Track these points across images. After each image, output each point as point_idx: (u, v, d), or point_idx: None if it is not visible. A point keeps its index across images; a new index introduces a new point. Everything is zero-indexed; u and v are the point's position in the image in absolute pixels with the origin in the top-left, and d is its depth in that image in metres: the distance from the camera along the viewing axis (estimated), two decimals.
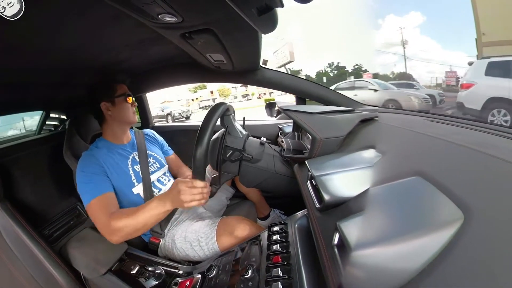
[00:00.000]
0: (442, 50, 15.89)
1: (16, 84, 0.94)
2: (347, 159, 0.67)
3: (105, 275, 0.82)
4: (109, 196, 0.89)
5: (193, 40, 0.71)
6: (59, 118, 1.57)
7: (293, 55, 4.27)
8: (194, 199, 0.75)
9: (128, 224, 0.79)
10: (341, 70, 14.77)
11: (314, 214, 0.57)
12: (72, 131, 1.10)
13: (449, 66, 10.72)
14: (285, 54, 4.25)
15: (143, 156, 1.10)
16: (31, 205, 1.06)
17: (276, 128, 1.44)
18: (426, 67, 11.68)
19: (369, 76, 13.63)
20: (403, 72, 12.58)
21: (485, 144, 0.51)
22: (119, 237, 0.81)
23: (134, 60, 1.08)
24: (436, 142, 0.58)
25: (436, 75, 11.10)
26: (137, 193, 1.02)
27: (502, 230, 0.30)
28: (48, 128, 1.53)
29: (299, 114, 0.88)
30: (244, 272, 0.61)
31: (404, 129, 0.76)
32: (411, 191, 0.41)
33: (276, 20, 0.59)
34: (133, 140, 1.16)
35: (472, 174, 0.42)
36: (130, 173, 1.03)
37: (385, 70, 14.49)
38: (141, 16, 0.54)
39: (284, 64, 4.30)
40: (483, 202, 0.34)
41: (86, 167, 0.92)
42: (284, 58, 4.30)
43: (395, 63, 13.80)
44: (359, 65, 15.37)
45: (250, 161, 0.95)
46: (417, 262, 0.31)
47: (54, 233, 1.06)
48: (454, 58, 14.71)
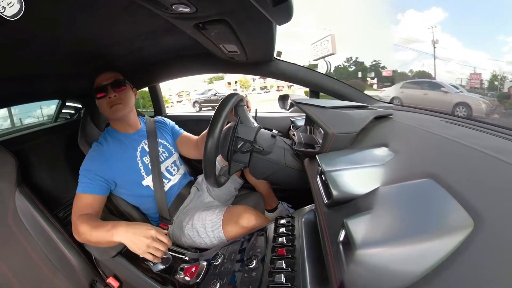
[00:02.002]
0: (462, 49, 14.88)
1: (32, 74, 0.98)
2: (359, 156, 0.66)
3: (115, 257, 0.86)
4: (92, 198, 0.90)
5: (207, 31, 0.71)
6: (74, 107, 1.62)
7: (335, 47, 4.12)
8: (149, 251, 0.76)
9: (86, 233, 0.81)
10: (360, 66, 14.16)
11: (322, 209, 0.56)
12: (86, 119, 1.13)
13: (473, 68, 10.09)
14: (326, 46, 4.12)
15: (152, 146, 1.09)
16: (47, 189, 1.12)
17: (288, 121, 1.43)
18: (444, 66, 11.03)
19: (389, 73, 13.11)
20: (422, 70, 11.99)
21: (503, 150, 0.49)
22: (80, 238, 0.85)
23: (147, 50, 1.09)
24: (451, 144, 0.56)
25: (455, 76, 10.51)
26: (146, 185, 1.04)
27: (510, 241, 0.29)
28: (64, 117, 1.59)
29: (312, 107, 0.86)
30: (249, 261, 0.62)
31: (419, 128, 0.74)
32: (422, 193, 0.40)
33: (291, 10, 0.57)
34: (143, 128, 1.14)
35: (486, 181, 0.40)
36: (140, 166, 1.03)
37: (404, 68, 13.80)
38: (155, 6, 0.54)
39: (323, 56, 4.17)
40: (494, 211, 0.33)
41: (90, 163, 0.95)
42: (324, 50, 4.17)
43: (414, 60, 13.13)
44: (377, 61, 14.71)
45: (261, 153, 0.95)
46: (421, 266, 0.30)
47: (68, 216, 1.12)
48: (475, 58, 13.75)
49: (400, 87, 6.53)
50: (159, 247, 0.76)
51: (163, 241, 0.78)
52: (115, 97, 0.99)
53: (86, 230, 0.81)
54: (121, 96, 1.00)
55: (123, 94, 1.01)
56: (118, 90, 1.00)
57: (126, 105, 1.02)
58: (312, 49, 4.55)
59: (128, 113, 1.05)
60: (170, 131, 1.25)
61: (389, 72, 13.07)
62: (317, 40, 4.46)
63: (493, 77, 7.41)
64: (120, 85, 1.00)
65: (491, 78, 7.43)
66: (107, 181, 0.95)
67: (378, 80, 12.00)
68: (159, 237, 0.77)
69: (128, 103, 1.03)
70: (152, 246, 0.76)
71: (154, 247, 0.76)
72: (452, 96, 5.72)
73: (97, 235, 0.79)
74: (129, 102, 1.04)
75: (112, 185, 0.98)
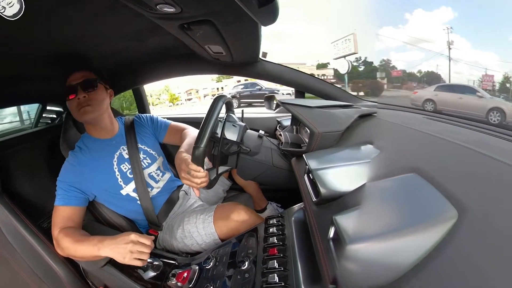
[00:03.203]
0: (471, 49, 15.08)
1: (11, 76, 0.92)
2: (345, 153, 0.68)
3: (104, 267, 0.82)
4: (70, 210, 0.87)
5: (192, 31, 0.70)
6: (56, 110, 1.55)
7: (357, 47, 4.12)
8: (134, 257, 0.73)
9: (70, 248, 0.79)
10: (368, 66, 14.16)
11: (311, 207, 0.57)
12: (68, 123, 1.08)
13: (484, 69, 10.24)
14: (348, 45, 4.11)
15: (133, 152, 1.02)
16: (29, 199, 1.06)
17: (275, 121, 1.44)
18: (453, 67, 11.14)
19: (398, 73, 13.19)
20: (431, 71, 12.18)
21: (481, 143, 0.52)
22: (63, 253, 0.82)
23: (131, 51, 1.06)
24: (434, 140, 0.59)
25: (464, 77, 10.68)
26: (126, 194, 1.00)
27: (494, 229, 0.31)
28: (45, 121, 1.51)
29: (298, 107, 0.88)
30: (241, 263, 0.62)
31: (402, 126, 0.77)
32: (407, 187, 0.42)
33: (277, 12, 0.58)
34: (121, 132, 1.06)
35: (468, 173, 0.42)
36: (116, 175, 0.98)
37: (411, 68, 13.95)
38: (139, 6, 0.53)
39: (344, 56, 4.17)
40: (477, 201, 0.35)
41: (65, 175, 0.91)
42: (346, 49, 4.17)
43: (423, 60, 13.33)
44: (386, 61, 14.86)
45: (248, 154, 0.96)
46: (410, 258, 0.32)
47: None
48: (484, 59, 13.92)
49: (433, 90, 6.54)
50: (142, 249, 0.74)
51: (144, 243, 0.75)
52: (84, 98, 0.91)
53: (69, 245, 0.78)
54: (91, 97, 0.92)
55: (94, 94, 0.93)
56: (90, 90, 0.92)
57: (97, 107, 0.94)
58: (332, 48, 4.56)
59: (99, 116, 0.97)
60: (151, 130, 1.16)
61: (399, 72, 13.08)
62: (338, 38, 4.47)
63: (504, 79, 7.48)
64: (91, 85, 0.92)
65: (503, 80, 7.50)
66: (84, 192, 0.91)
67: (387, 80, 12.00)
68: (139, 239, 0.75)
69: (100, 105, 0.95)
70: (135, 250, 0.73)
71: (138, 251, 0.73)
72: (486, 101, 5.71)
73: (82, 249, 0.77)
74: (101, 104, 0.95)
75: (90, 196, 0.94)
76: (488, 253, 0.28)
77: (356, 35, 4.42)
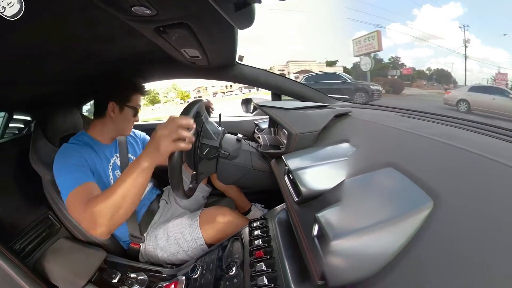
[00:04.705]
0: (481, 46, 15.04)
1: None
2: (323, 152, 0.70)
3: (85, 287, 0.77)
4: (91, 185, 0.79)
5: (167, 35, 0.68)
6: (23, 120, 1.42)
7: (382, 44, 4.00)
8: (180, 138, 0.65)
9: (106, 203, 0.67)
10: (379, 63, 13.85)
11: (293, 207, 0.58)
12: (38, 133, 1.00)
13: (497, 67, 10.42)
14: (371, 42, 4.03)
15: (124, 161, 1.04)
16: None
17: (252, 124, 1.45)
18: (462, 64, 11.27)
19: (409, 71, 12.92)
20: (440, 69, 12.24)
21: (450, 136, 0.57)
22: (103, 225, 0.68)
23: (103, 55, 1.00)
24: (406, 135, 0.63)
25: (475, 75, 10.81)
26: None
27: (466, 214, 0.33)
28: (11, 132, 1.38)
29: (275, 110, 0.89)
30: (229, 269, 0.61)
31: (376, 123, 0.81)
32: (384, 181, 0.44)
33: (253, 15, 0.58)
34: (116, 141, 1.08)
35: (439, 164, 0.46)
36: (110, 179, 0.97)
37: (420, 65, 13.87)
38: (113, 7, 0.51)
39: (367, 53, 4.09)
40: (450, 190, 0.38)
41: (67, 158, 0.84)
42: (369, 46, 4.09)
43: (431, 57, 13.40)
44: (395, 58, 14.85)
45: (227, 158, 0.95)
46: (393, 246, 0.34)
47: (26, 247, 0.94)
48: (495, 56, 13.92)
49: (467, 90, 6.69)
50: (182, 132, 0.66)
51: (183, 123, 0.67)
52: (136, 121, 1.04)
53: (103, 201, 0.68)
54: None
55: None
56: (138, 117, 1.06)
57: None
58: (354, 45, 4.48)
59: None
60: (141, 142, 1.20)
61: (409, 70, 13.08)
62: (360, 35, 4.37)
63: None
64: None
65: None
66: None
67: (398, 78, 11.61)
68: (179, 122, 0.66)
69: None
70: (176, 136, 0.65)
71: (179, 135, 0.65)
72: None
73: (120, 187, 0.67)
74: None
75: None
76: (464, 234, 0.31)
77: (380, 32, 4.34)
